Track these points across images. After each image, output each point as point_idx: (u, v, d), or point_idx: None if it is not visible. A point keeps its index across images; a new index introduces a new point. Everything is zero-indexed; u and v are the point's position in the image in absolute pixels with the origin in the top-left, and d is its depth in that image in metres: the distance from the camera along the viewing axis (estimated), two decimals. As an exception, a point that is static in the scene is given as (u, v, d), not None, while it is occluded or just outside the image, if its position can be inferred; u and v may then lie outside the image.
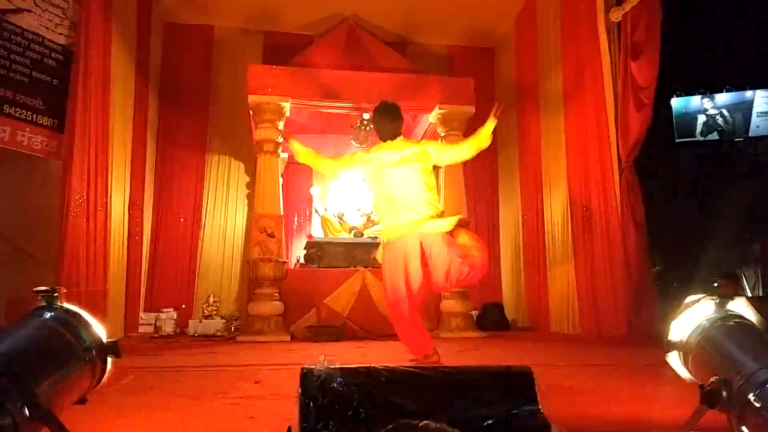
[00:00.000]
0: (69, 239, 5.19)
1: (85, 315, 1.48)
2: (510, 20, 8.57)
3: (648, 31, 5.82)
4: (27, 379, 1.21)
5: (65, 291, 1.52)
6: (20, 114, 5.18)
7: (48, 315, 1.44)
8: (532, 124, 7.79)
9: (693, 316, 1.64)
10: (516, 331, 7.66)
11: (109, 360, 1.50)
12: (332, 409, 1.34)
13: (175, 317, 7.04)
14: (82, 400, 1.46)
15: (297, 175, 8.81)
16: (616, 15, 6.15)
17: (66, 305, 1.48)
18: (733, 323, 1.56)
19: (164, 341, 6.22)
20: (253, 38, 8.82)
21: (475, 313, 7.19)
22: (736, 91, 12.70)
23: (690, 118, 12.85)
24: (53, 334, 1.39)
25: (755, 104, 12.57)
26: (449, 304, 6.63)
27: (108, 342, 1.49)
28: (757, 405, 1.28)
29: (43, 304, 1.48)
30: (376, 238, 7.63)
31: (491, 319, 7.51)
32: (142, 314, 7.10)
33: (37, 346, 1.32)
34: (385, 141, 3.92)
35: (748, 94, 12.64)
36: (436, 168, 4.00)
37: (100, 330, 1.50)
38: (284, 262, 6.55)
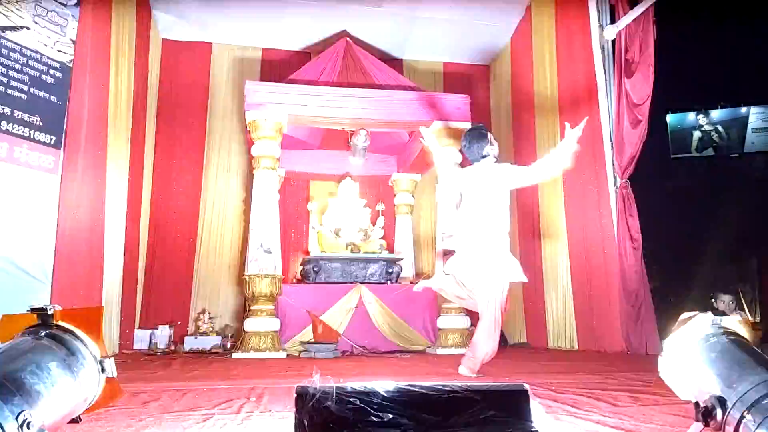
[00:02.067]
0: (65, 255, 5.19)
1: (80, 333, 1.48)
2: (505, 38, 8.65)
3: (642, 49, 5.89)
4: (20, 399, 1.21)
5: (60, 309, 1.52)
6: (18, 130, 5.19)
7: (42, 333, 1.44)
8: (527, 140, 7.83)
9: (688, 333, 1.65)
10: (513, 347, 7.64)
11: (103, 378, 1.50)
12: (327, 427, 1.34)
13: (170, 333, 7.01)
14: (75, 420, 1.45)
15: (294, 191, 8.82)
16: (611, 33, 6.22)
17: (60, 323, 1.48)
18: (728, 340, 1.56)
19: (159, 358, 6.18)
20: (251, 55, 8.89)
21: (472, 329, 7.16)
22: (731, 107, 12.79)
23: (685, 134, 12.92)
24: (48, 352, 1.38)
25: (750, 120, 12.64)
26: (447, 321, 6.62)
27: (102, 360, 1.49)
28: (752, 423, 1.28)
29: (38, 321, 1.48)
30: (373, 253, 7.65)
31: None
32: (137, 330, 7.07)
33: (32, 365, 1.32)
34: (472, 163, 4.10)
35: (743, 110, 12.73)
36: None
37: (94, 348, 1.50)
38: (280, 278, 6.54)
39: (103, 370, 1.49)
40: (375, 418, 1.36)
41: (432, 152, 4.30)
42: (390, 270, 7.51)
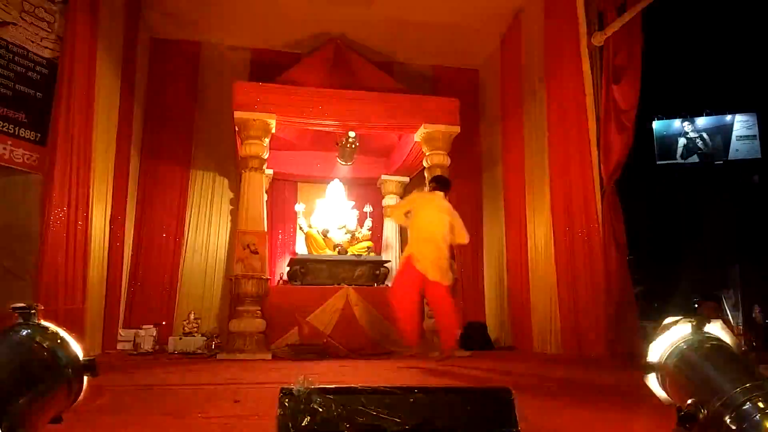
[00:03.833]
0: (48, 254, 5.13)
1: (62, 332, 1.46)
2: (495, 42, 8.69)
3: (629, 55, 5.94)
4: (1, 398, 1.19)
5: (42, 308, 1.51)
6: (2, 127, 5.13)
7: (24, 332, 1.42)
8: (516, 144, 7.86)
9: (671, 338, 1.66)
10: (499, 350, 7.66)
11: (86, 378, 1.48)
12: (312, 429, 1.33)
13: (154, 334, 6.94)
14: (57, 420, 1.43)
15: (281, 192, 8.80)
16: (599, 39, 6.27)
17: (43, 322, 1.46)
18: (710, 345, 1.57)
19: (143, 358, 6.13)
20: (240, 55, 8.85)
21: (458, 332, 7.17)
22: (716, 115, 12.95)
23: (671, 140, 13.07)
24: (29, 351, 1.36)
25: (734, 128, 12.82)
26: (432, 323, 6.61)
27: (85, 360, 1.47)
28: (733, 427, 1.29)
29: (20, 320, 1.46)
30: (360, 255, 7.65)
31: (474, 338, 7.51)
32: (121, 331, 7.00)
33: (12, 364, 1.30)
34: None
35: (728, 118, 12.89)
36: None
37: (76, 347, 1.48)
38: (267, 279, 6.51)
39: (85, 370, 1.47)
40: (359, 420, 1.36)
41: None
42: (377, 272, 7.50)
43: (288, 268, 7.53)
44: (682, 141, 12.98)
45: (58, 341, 1.43)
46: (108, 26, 6.38)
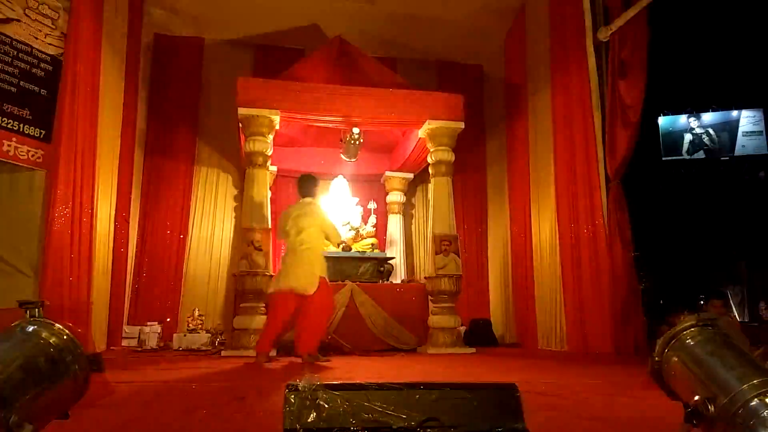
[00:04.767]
0: (53, 250, 5.14)
1: (68, 328, 1.47)
2: (500, 37, 8.67)
3: (635, 51, 5.91)
4: (8, 394, 1.20)
5: (49, 304, 1.51)
6: (7, 124, 5.13)
7: (31, 328, 1.42)
8: (520, 140, 7.84)
9: (678, 334, 1.65)
10: (504, 347, 7.66)
11: (91, 374, 1.48)
12: (317, 425, 1.33)
13: (159, 331, 6.97)
14: (63, 415, 1.44)
15: (286, 189, 8.78)
16: (604, 34, 6.24)
17: (49, 319, 1.46)
18: (717, 341, 1.57)
19: (148, 355, 6.15)
20: (244, 51, 8.85)
21: (463, 329, 7.17)
22: (722, 110, 12.86)
23: (676, 136, 12.99)
24: (35, 347, 1.37)
25: (741, 124, 12.73)
26: (437, 320, 6.60)
27: (91, 356, 1.47)
28: (741, 423, 1.28)
29: (27, 317, 1.46)
30: (364, 252, 7.64)
31: (479, 335, 7.51)
32: (125, 327, 7.02)
33: (19, 360, 1.30)
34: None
35: (734, 113, 12.80)
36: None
37: (82, 344, 1.49)
38: (271, 276, 6.50)
39: (91, 367, 1.47)
40: (365, 416, 1.36)
41: None
42: (381, 268, 7.49)
43: (292, 265, 7.52)
44: (688, 137, 12.89)
45: (64, 337, 1.43)
46: (112, 23, 6.38)
